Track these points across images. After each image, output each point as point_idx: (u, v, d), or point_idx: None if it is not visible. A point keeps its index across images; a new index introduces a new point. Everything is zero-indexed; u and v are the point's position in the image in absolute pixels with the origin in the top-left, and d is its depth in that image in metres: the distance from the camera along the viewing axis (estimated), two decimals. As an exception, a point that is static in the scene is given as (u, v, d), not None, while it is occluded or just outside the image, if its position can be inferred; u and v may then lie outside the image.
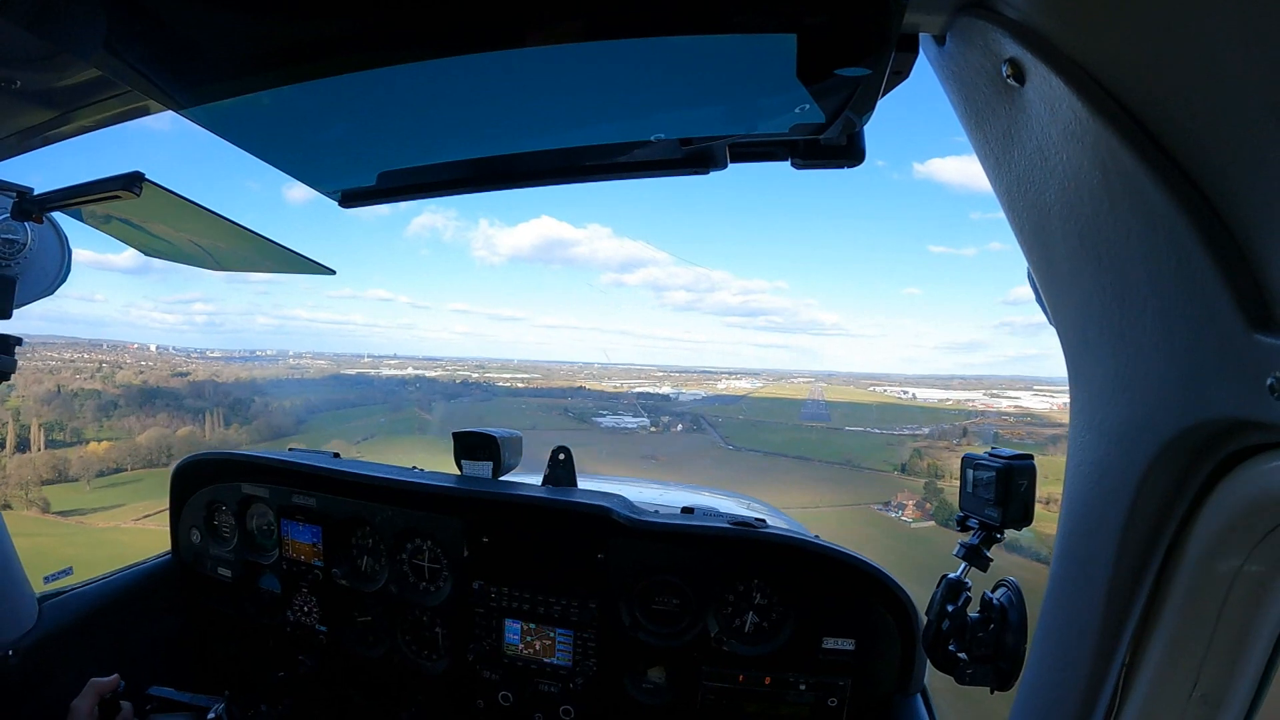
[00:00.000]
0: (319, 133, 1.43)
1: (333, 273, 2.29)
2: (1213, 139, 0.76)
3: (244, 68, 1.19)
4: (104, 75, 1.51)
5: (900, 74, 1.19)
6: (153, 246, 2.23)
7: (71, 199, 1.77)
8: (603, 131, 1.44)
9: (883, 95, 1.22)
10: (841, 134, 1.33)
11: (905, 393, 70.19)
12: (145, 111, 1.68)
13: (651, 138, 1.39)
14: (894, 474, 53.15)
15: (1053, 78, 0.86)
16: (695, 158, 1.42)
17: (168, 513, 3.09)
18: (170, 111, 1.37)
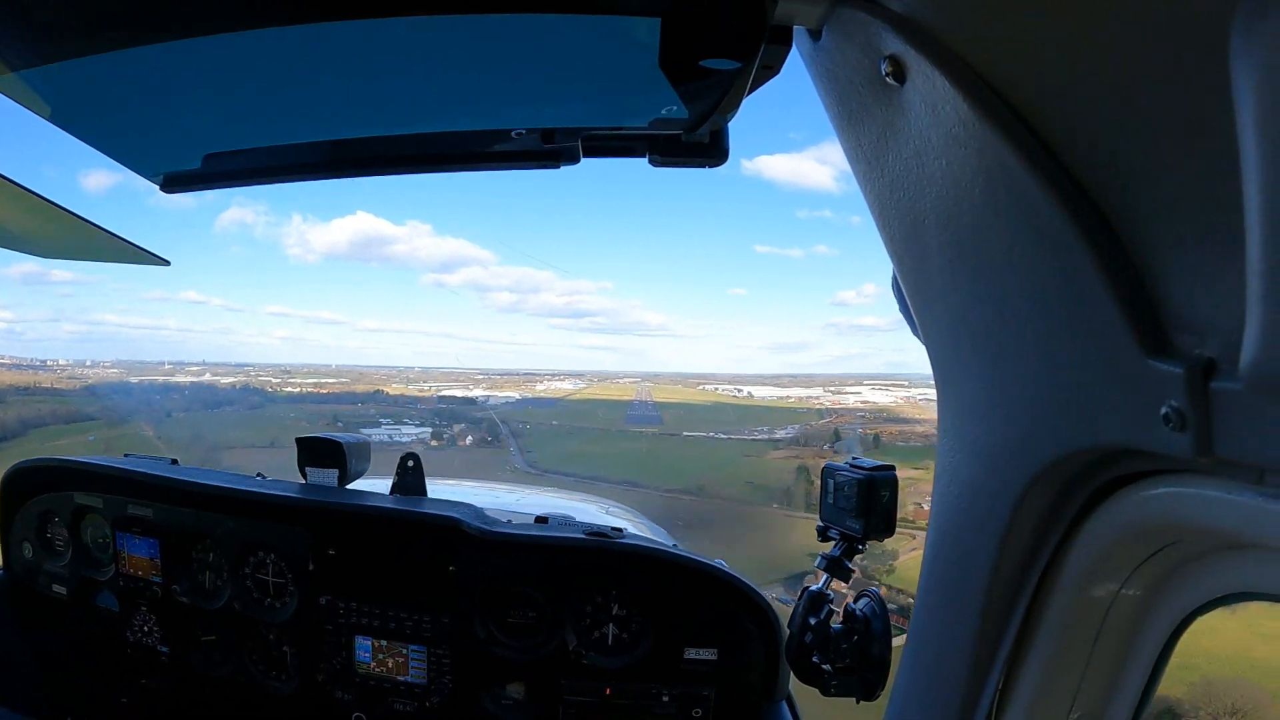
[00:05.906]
0: (140, 108, 1.27)
1: (166, 263, 2.03)
2: (1108, 146, 0.71)
3: (58, 30, 1.01)
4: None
5: (770, 69, 1.10)
6: None
7: None
8: (450, 118, 1.35)
9: (750, 92, 1.14)
10: (705, 131, 1.25)
11: (740, 390, 65.16)
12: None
13: (503, 127, 1.28)
14: (774, 509, 34.82)
15: (936, 76, 0.79)
16: (548, 151, 1.31)
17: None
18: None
